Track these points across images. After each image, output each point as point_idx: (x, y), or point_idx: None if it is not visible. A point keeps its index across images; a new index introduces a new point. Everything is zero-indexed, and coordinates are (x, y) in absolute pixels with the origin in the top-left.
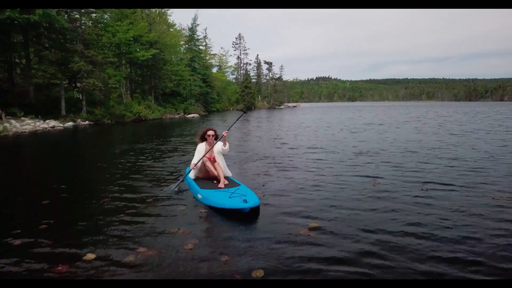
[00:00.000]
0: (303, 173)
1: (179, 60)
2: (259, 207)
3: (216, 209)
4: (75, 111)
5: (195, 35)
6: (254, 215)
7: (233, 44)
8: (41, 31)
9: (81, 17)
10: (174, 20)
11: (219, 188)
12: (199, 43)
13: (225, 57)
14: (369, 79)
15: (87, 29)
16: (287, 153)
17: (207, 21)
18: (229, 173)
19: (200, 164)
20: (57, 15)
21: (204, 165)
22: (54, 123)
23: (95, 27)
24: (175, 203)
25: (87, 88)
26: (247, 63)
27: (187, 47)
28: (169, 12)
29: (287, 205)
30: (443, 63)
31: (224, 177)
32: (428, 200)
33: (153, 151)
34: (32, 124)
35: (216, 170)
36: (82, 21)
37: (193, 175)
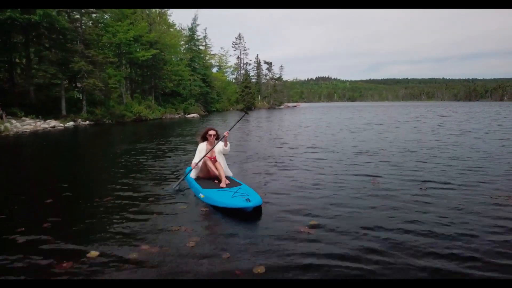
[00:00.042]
0: (303, 172)
1: (179, 60)
2: (261, 206)
3: (218, 208)
4: (76, 111)
5: (195, 35)
6: (256, 214)
7: (233, 44)
8: (42, 31)
9: (82, 17)
10: (174, 20)
11: (221, 187)
12: (199, 43)
13: (225, 57)
14: (368, 79)
15: (87, 29)
16: (287, 152)
17: (207, 21)
18: (229, 172)
19: (201, 163)
20: (58, 15)
21: (205, 165)
22: (54, 123)
23: (95, 27)
24: (176, 202)
25: (88, 88)
26: (247, 63)
27: (187, 47)
28: (169, 12)
29: (288, 203)
30: (443, 63)
31: (225, 176)
32: (426, 198)
33: (154, 151)
34: (32, 124)
35: (217, 169)
36: (82, 21)
37: (194, 175)
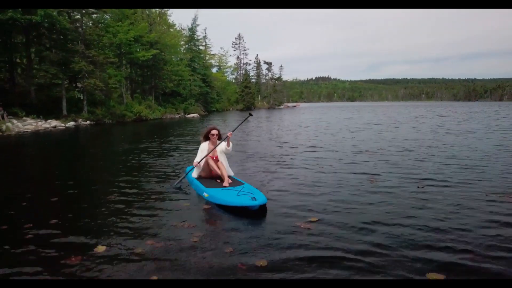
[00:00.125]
0: (303, 171)
1: (179, 60)
2: (266, 204)
3: (220, 206)
4: (76, 111)
5: (195, 35)
6: (258, 211)
7: (233, 44)
8: (42, 31)
9: (82, 18)
10: (174, 20)
11: (224, 186)
12: (199, 43)
13: (224, 57)
14: (368, 79)
15: (88, 29)
16: (287, 152)
17: (207, 21)
18: (231, 172)
19: (203, 163)
20: (58, 15)
21: (207, 164)
22: (55, 123)
23: (96, 28)
24: (178, 199)
25: (88, 88)
26: (246, 63)
27: (187, 47)
28: (169, 12)
29: (288, 200)
30: (442, 63)
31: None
32: (423, 195)
33: (155, 150)
34: (34, 124)
35: (219, 169)
36: (83, 22)
37: (195, 174)
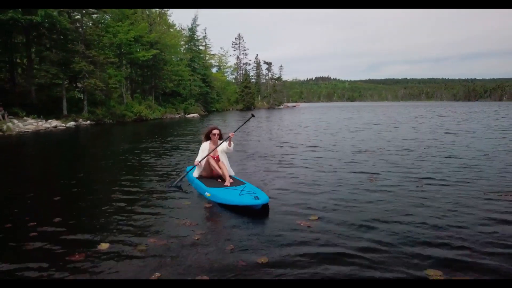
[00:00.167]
0: (303, 170)
1: (179, 60)
2: (268, 203)
3: (222, 205)
4: (77, 111)
5: (195, 35)
6: (262, 211)
7: (233, 44)
8: (43, 31)
9: (82, 18)
10: (174, 20)
11: (226, 186)
12: (199, 43)
13: (224, 57)
14: (368, 79)
15: (88, 29)
16: (287, 151)
17: (207, 21)
18: (232, 171)
19: (204, 162)
20: (59, 15)
21: (208, 164)
22: (56, 123)
23: (96, 28)
24: (180, 198)
25: (89, 88)
26: (246, 63)
27: (187, 47)
28: (169, 12)
29: (289, 199)
30: (442, 63)
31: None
32: (422, 194)
33: (156, 150)
34: (34, 124)
35: (220, 168)
36: (83, 22)
37: (196, 174)
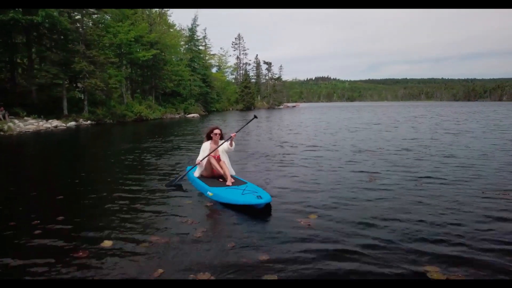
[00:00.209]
0: (303, 169)
1: (179, 60)
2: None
3: (226, 205)
4: (77, 111)
5: (195, 36)
6: (264, 209)
7: (233, 44)
8: (43, 32)
9: (83, 18)
10: (174, 20)
11: (228, 186)
12: (199, 43)
13: (224, 57)
14: (368, 79)
15: (88, 30)
16: (287, 151)
17: (207, 21)
18: (232, 171)
19: (205, 162)
20: (59, 16)
21: (209, 163)
22: (57, 123)
23: (96, 28)
24: (181, 197)
25: (89, 88)
26: (246, 63)
27: (187, 48)
28: (169, 12)
29: (289, 198)
30: (442, 63)
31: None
32: (421, 192)
33: (157, 149)
34: (35, 124)
35: (222, 168)
36: (83, 22)
37: (197, 173)
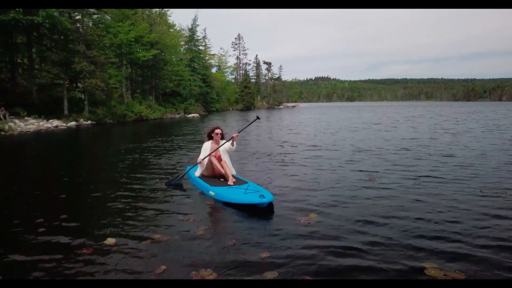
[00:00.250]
0: (303, 169)
1: (179, 60)
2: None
3: (228, 204)
4: (77, 111)
5: (195, 36)
6: (267, 209)
7: (232, 44)
8: (44, 32)
9: (83, 18)
10: (174, 20)
11: (229, 185)
12: (199, 44)
13: (224, 57)
14: (368, 79)
15: (89, 30)
16: (287, 150)
17: (207, 21)
18: (233, 171)
19: (206, 162)
20: (60, 16)
21: (210, 163)
22: (57, 123)
23: (96, 28)
24: (182, 197)
25: (89, 88)
26: (246, 63)
27: (187, 48)
28: (169, 12)
29: (289, 196)
30: (442, 63)
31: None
32: (419, 191)
33: (157, 149)
34: (36, 123)
35: (223, 168)
36: (84, 22)
37: (198, 173)
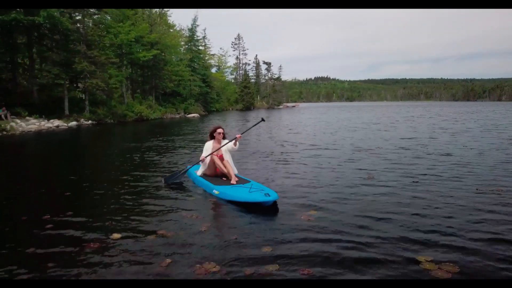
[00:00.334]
0: (303, 167)
1: (179, 60)
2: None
3: (232, 202)
4: (78, 111)
5: (195, 36)
6: (272, 207)
7: (232, 44)
8: (45, 32)
9: (84, 19)
10: (174, 20)
11: (232, 184)
12: (199, 44)
13: (224, 57)
14: (367, 79)
15: (89, 30)
16: (287, 150)
17: (207, 21)
18: (235, 170)
19: (208, 161)
20: (60, 16)
21: (213, 162)
22: (58, 123)
23: (97, 28)
24: (185, 194)
25: (90, 88)
26: (246, 63)
27: (187, 48)
28: (169, 12)
29: (290, 194)
30: (441, 63)
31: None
32: (417, 189)
33: (158, 148)
34: (37, 123)
35: (225, 167)
36: (84, 23)
37: (200, 172)
